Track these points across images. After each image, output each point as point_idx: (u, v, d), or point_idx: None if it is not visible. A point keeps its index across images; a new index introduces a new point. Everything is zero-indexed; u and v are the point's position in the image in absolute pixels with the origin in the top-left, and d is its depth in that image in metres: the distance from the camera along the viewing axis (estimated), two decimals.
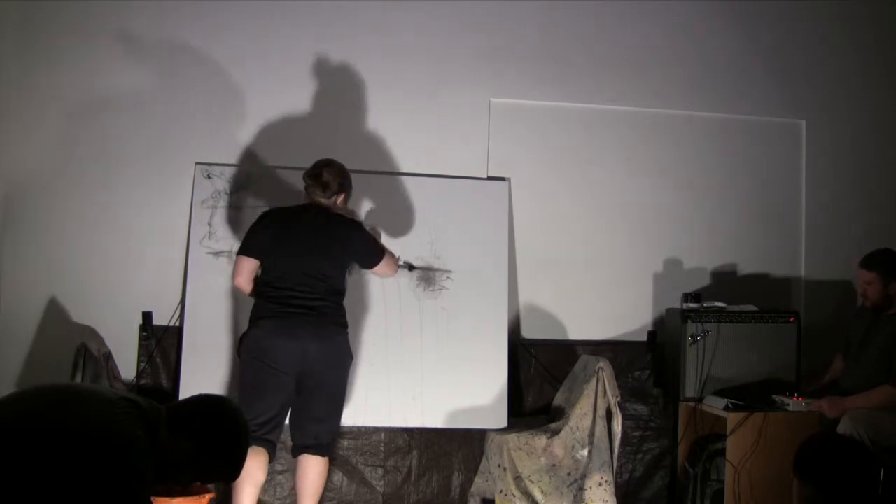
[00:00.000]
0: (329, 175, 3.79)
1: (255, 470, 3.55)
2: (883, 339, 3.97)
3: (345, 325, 3.81)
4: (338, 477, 4.26)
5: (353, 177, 3.92)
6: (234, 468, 2.33)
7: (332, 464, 4.25)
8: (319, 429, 3.74)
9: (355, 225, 3.90)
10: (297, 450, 3.78)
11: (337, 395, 3.79)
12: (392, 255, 4.10)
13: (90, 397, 2.23)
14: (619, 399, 4.11)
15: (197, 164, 4.34)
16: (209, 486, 3.77)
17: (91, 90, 4.33)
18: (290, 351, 3.63)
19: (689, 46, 4.82)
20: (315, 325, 3.67)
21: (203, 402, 2.38)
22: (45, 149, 4.30)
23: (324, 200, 3.80)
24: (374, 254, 3.92)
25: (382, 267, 3.97)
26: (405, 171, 4.51)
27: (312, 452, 3.74)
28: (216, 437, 2.28)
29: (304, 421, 3.74)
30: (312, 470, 3.74)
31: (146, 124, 4.37)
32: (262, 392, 3.63)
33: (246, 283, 3.81)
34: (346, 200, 3.90)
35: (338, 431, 3.92)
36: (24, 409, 2.17)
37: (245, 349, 3.70)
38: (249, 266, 3.77)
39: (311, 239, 3.72)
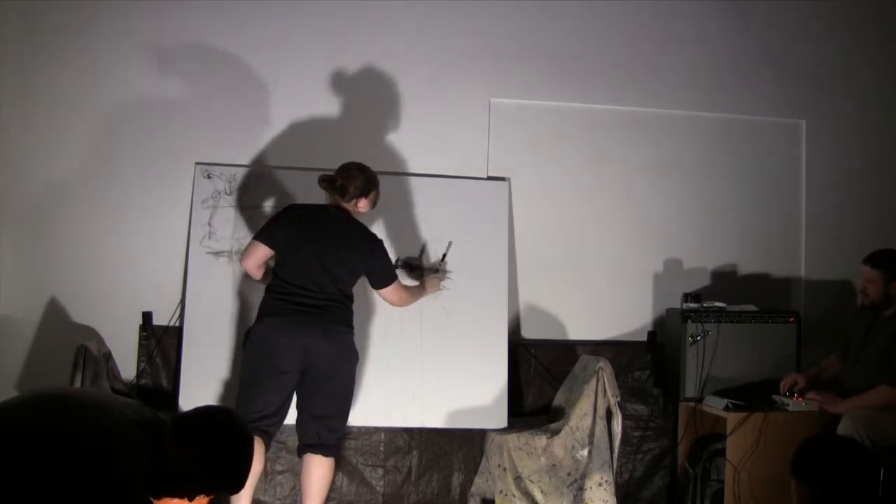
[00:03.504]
0: (345, 180, 3.77)
1: (256, 465, 3.53)
2: (883, 339, 3.97)
3: (350, 326, 3.79)
4: (338, 477, 4.26)
5: None
6: (238, 479, 2.33)
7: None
8: (322, 427, 3.72)
9: (376, 242, 3.85)
10: (302, 449, 3.77)
11: (340, 394, 3.76)
12: (402, 286, 3.98)
13: (90, 404, 2.23)
14: (619, 399, 4.11)
15: (197, 164, 4.34)
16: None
17: (91, 90, 4.33)
18: (292, 348, 3.62)
19: (690, 47, 4.83)
20: (318, 323, 3.66)
21: (209, 412, 2.40)
22: (44, 149, 4.30)
23: (344, 204, 3.79)
24: (387, 276, 3.86)
25: (392, 291, 3.88)
26: (405, 171, 4.52)
27: (316, 452, 3.72)
28: (222, 446, 2.27)
29: (306, 419, 3.73)
30: (316, 470, 3.72)
31: (146, 124, 4.37)
32: (262, 389, 3.64)
33: (255, 268, 3.80)
34: (371, 203, 3.85)
35: (344, 432, 3.89)
36: (27, 415, 2.17)
37: (250, 344, 3.70)
38: (261, 253, 3.76)
39: (328, 243, 3.70)
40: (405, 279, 4.28)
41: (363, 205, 3.83)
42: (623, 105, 4.76)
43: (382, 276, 3.86)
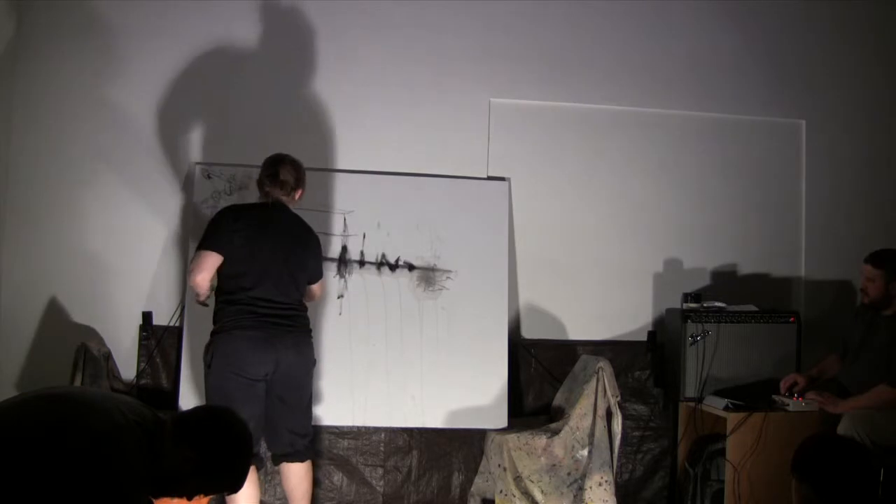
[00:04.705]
0: (286, 173, 3.69)
1: (251, 489, 3.48)
2: (883, 339, 3.97)
3: (310, 329, 3.75)
4: (338, 477, 4.26)
5: (354, 177, 3.92)
6: (238, 477, 2.33)
7: (332, 464, 4.26)
8: (294, 436, 3.68)
9: (316, 237, 3.84)
10: (276, 459, 3.73)
11: (306, 401, 3.73)
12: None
13: (90, 404, 2.22)
14: (619, 399, 4.11)
15: (197, 164, 4.34)
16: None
17: (90, 90, 4.33)
18: (265, 362, 3.54)
19: (690, 47, 4.83)
20: (290, 335, 3.60)
21: (209, 412, 2.42)
22: (45, 149, 4.30)
23: (284, 198, 3.71)
24: (321, 271, 3.87)
25: (319, 287, 3.88)
26: (405, 171, 4.51)
27: (292, 460, 3.69)
28: (222, 446, 2.28)
29: (279, 430, 3.67)
30: (294, 475, 3.70)
31: (146, 124, 4.37)
32: (242, 405, 3.35)
33: (207, 281, 3.56)
34: (303, 195, 3.79)
35: (311, 433, 3.82)
36: (27, 415, 2.17)
37: (219, 361, 3.52)
38: (215, 263, 3.54)
39: (286, 246, 3.64)
40: (408, 280, 4.29)
41: (299, 195, 3.77)
42: (623, 105, 4.76)
43: (320, 271, 3.85)
